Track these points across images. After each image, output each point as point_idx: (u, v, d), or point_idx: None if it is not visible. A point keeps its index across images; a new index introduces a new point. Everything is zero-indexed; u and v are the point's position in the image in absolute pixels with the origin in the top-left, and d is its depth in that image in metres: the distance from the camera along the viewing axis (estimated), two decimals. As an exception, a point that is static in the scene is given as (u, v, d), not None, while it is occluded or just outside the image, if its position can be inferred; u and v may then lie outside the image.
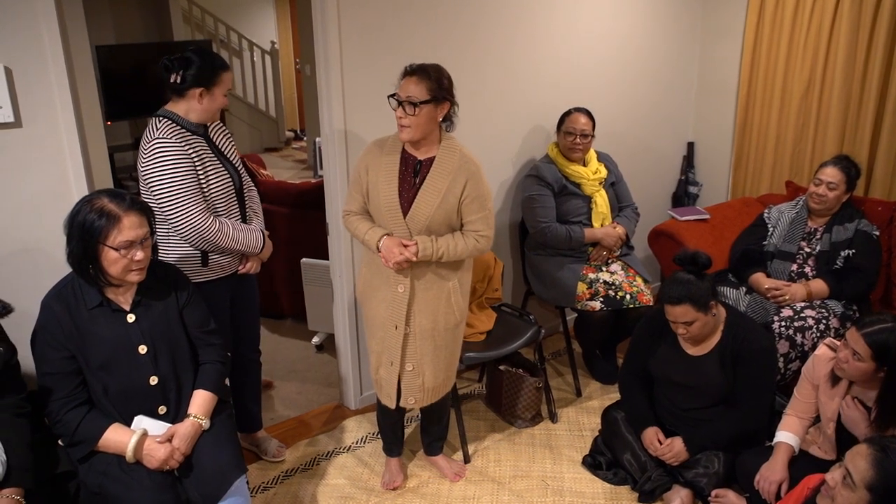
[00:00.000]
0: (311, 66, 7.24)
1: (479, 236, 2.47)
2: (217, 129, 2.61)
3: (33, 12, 2.26)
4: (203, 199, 2.40)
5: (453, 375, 2.73)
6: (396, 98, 2.35)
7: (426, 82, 2.33)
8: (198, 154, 2.41)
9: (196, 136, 2.46)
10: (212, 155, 2.48)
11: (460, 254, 2.45)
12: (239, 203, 2.58)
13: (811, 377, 2.43)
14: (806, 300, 3.10)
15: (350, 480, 2.88)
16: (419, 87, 2.32)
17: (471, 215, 2.45)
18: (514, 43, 3.45)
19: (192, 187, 2.36)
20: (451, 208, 2.42)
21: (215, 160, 2.49)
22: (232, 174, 2.55)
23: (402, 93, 2.34)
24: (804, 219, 3.26)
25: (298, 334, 4.21)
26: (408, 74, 2.36)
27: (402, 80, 2.37)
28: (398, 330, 2.51)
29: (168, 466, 2.06)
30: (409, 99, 2.32)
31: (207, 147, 2.48)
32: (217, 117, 2.56)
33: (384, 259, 2.42)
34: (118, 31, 7.57)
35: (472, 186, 2.42)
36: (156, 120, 2.39)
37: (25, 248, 2.40)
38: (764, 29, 4.05)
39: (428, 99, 2.32)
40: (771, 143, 4.13)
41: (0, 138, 2.29)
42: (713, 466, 2.59)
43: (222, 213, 2.50)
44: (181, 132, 2.41)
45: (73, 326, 2.03)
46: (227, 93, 2.49)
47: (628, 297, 3.26)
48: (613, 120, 4.04)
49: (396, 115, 2.36)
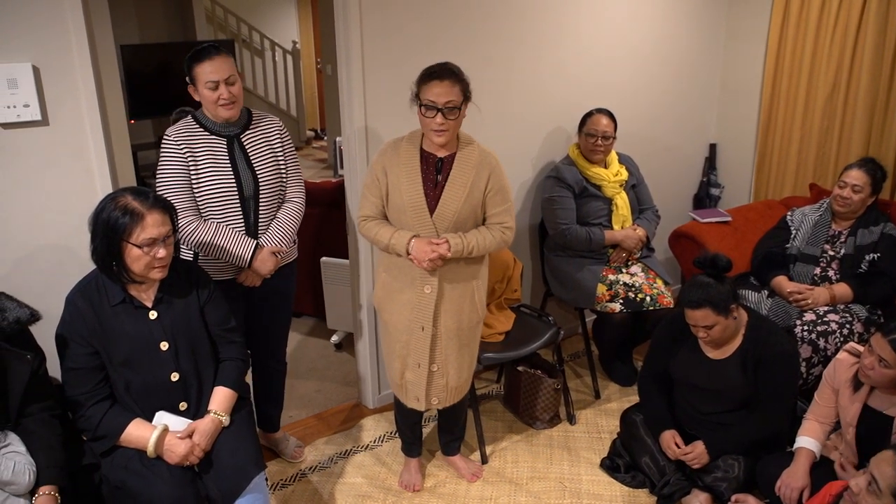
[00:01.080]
0: (332, 66, 7.27)
1: (504, 228, 2.48)
2: (257, 130, 2.53)
3: (61, 12, 2.29)
4: (190, 198, 2.41)
5: (472, 374, 2.73)
6: (430, 104, 2.30)
7: (459, 84, 2.31)
8: (195, 155, 2.41)
9: (214, 137, 2.45)
10: (221, 158, 2.44)
11: (489, 246, 2.45)
12: (244, 211, 2.51)
13: (832, 382, 2.40)
14: (829, 304, 3.06)
15: (368, 479, 2.89)
16: (454, 90, 2.29)
17: (495, 207, 2.46)
18: (536, 43, 3.44)
19: (178, 184, 2.39)
20: (476, 203, 2.42)
21: (221, 164, 2.44)
22: (243, 181, 2.47)
23: (438, 99, 2.28)
24: (828, 222, 3.22)
25: (317, 333, 4.23)
26: (436, 78, 2.29)
27: (428, 84, 2.31)
28: (425, 331, 2.50)
29: (188, 462, 2.08)
30: (451, 104, 2.28)
31: (222, 149, 2.45)
32: (230, 115, 2.42)
33: (416, 260, 2.38)
34: (142, 31, 7.66)
35: (494, 179, 2.44)
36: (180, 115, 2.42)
37: (51, 244, 2.44)
38: (789, 29, 4.00)
39: (464, 99, 2.33)
40: (795, 144, 4.08)
41: (27, 136, 2.32)
42: (733, 471, 2.56)
43: (218, 218, 2.47)
44: (192, 130, 2.43)
45: (96, 322, 2.05)
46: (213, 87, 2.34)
47: (648, 299, 3.24)
48: (635, 121, 4.02)
49: (434, 122, 2.30)
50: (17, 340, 1.92)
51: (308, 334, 4.23)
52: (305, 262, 4.04)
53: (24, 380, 1.90)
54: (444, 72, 2.31)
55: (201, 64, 2.35)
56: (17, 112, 2.26)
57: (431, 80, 2.30)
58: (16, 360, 1.90)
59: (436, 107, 2.29)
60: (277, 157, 2.57)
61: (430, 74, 2.32)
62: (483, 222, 2.50)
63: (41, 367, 1.98)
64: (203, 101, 2.41)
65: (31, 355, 1.94)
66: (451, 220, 2.40)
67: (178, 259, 2.22)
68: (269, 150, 2.55)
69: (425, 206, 2.39)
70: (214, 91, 2.37)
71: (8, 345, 1.89)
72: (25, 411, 1.92)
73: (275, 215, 2.60)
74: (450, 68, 2.33)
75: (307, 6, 10.35)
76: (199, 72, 2.36)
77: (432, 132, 2.34)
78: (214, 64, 2.34)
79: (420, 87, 2.34)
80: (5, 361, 1.88)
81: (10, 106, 2.25)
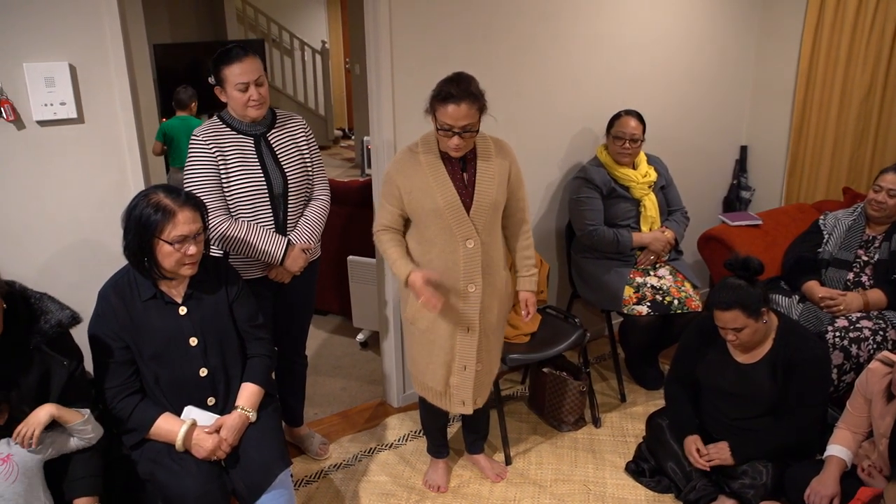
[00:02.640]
0: (360, 66, 7.31)
1: (524, 214, 2.60)
2: (283, 129, 2.56)
3: (97, 12, 2.33)
4: (220, 197, 2.44)
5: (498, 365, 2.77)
6: (447, 128, 2.28)
7: (476, 104, 2.28)
8: (224, 155, 2.43)
9: (242, 136, 2.47)
10: (250, 157, 2.46)
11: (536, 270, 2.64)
12: (274, 210, 2.53)
13: (864, 391, 2.35)
14: (862, 310, 3.00)
15: (392, 478, 2.90)
16: (471, 111, 2.27)
17: (519, 191, 2.55)
18: (565, 44, 3.42)
19: (208, 183, 2.41)
20: (504, 190, 2.48)
21: (250, 164, 2.46)
22: (272, 179, 2.49)
23: (456, 123, 2.26)
24: (862, 226, 3.16)
25: (343, 331, 4.25)
26: (453, 100, 2.24)
27: (444, 106, 2.25)
28: (471, 332, 2.50)
29: (215, 457, 2.10)
30: (469, 128, 2.29)
31: (250, 148, 2.47)
32: (259, 115, 2.44)
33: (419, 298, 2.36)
34: (174, 30, 7.78)
35: (514, 165, 2.52)
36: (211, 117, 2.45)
37: (85, 239, 2.48)
38: (824, 29, 3.93)
39: (479, 115, 2.33)
40: (828, 147, 4.01)
41: (64, 133, 2.37)
42: (761, 478, 2.52)
43: (248, 216, 2.49)
44: (220, 131, 2.45)
45: (127, 317, 2.09)
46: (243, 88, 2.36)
47: (676, 302, 3.20)
48: (665, 122, 3.98)
49: (451, 143, 2.30)
50: (57, 342, 1.95)
51: (333, 332, 4.26)
52: (331, 260, 4.07)
53: (61, 384, 1.93)
54: (461, 94, 2.24)
55: (230, 66, 2.35)
56: (53, 110, 2.31)
57: (448, 104, 2.25)
58: (54, 364, 1.93)
59: (453, 130, 2.28)
60: (303, 155, 2.60)
61: (446, 97, 2.25)
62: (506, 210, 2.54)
63: (78, 368, 2.00)
64: (231, 102, 2.43)
65: (68, 361, 1.96)
66: (488, 214, 2.42)
67: (207, 256, 2.24)
68: (295, 149, 2.58)
69: (461, 205, 2.39)
70: (245, 92, 2.38)
71: (48, 348, 1.91)
72: None
73: (302, 213, 2.63)
74: (466, 89, 2.26)
75: (336, 6, 10.42)
76: (228, 73, 2.36)
77: (449, 149, 2.35)
78: (244, 66, 2.36)
79: (436, 106, 2.29)
80: (47, 363, 1.91)
81: (48, 104, 2.29)
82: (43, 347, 1.90)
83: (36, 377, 1.88)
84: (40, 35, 2.26)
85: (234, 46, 2.39)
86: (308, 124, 2.69)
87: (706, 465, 2.58)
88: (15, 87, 2.25)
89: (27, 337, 1.88)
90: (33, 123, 2.30)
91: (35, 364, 1.88)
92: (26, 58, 2.25)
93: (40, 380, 1.89)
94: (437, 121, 2.31)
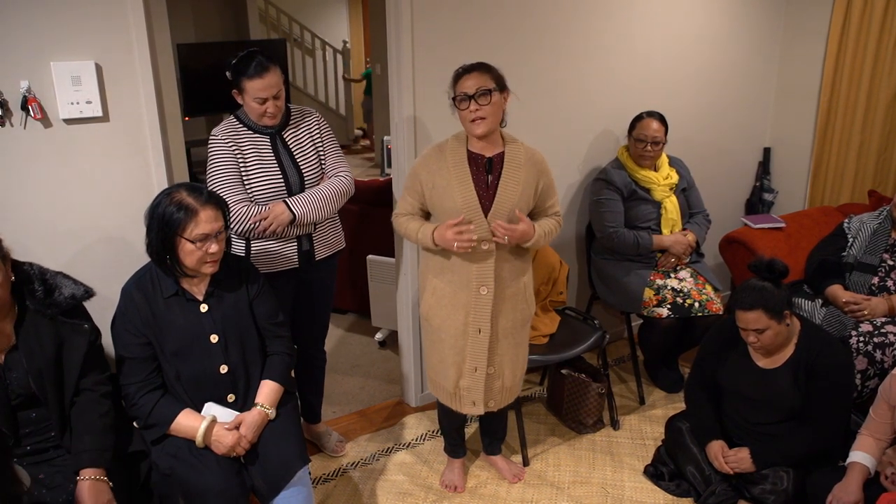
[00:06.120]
0: (381, 66, 7.33)
1: (558, 217, 2.57)
2: (299, 127, 2.60)
3: (123, 12, 2.36)
4: (242, 190, 2.47)
5: (524, 372, 2.73)
6: (464, 95, 2.32)
7: (488, 73, 2.35)
8: (242, 153, 2.47)
9: (258, 135, 2.52)
10: (266, 155, 2.51)
11: (552, 232, 2.53)
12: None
13: (888, 398, 2.32)
14: (887, 315, 2.96)
15: (409, 477, 2.90)
16: (483, 77, 2.33)
17: (549, 200, 2.54)
18: (587, 45, 3.41)
19: (230, 177, 2.45)
20: (528, 200, 2.45)
21: (268, 162, 2.50)
22: (289, 176, 2.53)
23: (469, 89, 2.32)
24: (888, 230, 3.12)
25: (362, 330, 4.27)
26: (466, 72, 2.36)
27: (461, 80, 2.35)
28: (482, 333, 2.50)
29: (235, 453, 2.12)
30: (482, 89, 2.30)
31: (266, 146, 2.52)
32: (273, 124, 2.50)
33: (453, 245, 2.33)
34: (198, 30, 7.85)
35: (545, 175, 2.50)
36: (227, 116, 2.48)
37: (108, 236, 2.51)
38: (850, 30, 3.87)
39: (496, 86, 2.34)
40: (854, 150, 3.96)
41: (89, 131, 2.40)
42: (782, 483, 2.49)
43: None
44: (237, 129, 2.50)
45: (149, 314, 2.11)
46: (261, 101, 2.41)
47: (697, 305, 3.18)
48: (687, 123, 3.95)
49: (469, 111, 2.32)
50: (73, 315, 2.02)
51: (352, 331, 4.28)
52: (351, 259, 4.08)
53: (82, 350, 2.00)
54: (472, 66, 2.36)
55: (252, 80, 2.39)
56: (79, 108, 2.34)
57: (461, 77, 2.36)
58: (73, 331, 1.99)
59: (467, 95, 2.32)
60: (319, 150, 2.64)
61: (459, 72, 2.38)
62: (532, 217, 2.52)
63: (98, 339, 2.07)
64: (248, 110, 2.50)
65: (88, 325, 2.03)
66: (506, 218, 2.41)
67: (229, 254, 2.26)
68: (311, 145, 2.62)
69: (479, 207, 2.39)
70: (262, 105, 2.44)
71: (64, 317, 1.98)
72: (81, 384, 2.01)
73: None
74: (478, 62, 2.38)
75: (358, 6, 10.47)
76: (248, 86, 2.41)
77: (471, 124, 2.35)
78: (265, 81, 2.40)
79: (454, 88, 2.38)
80: (62, 336, 1.97)
81: (74, 102, 2.32)
82: (59, 318, 1.97)
83: (54, 346, 1.96)
84: (67, 34, 2.29)
85: (257, 55, 2.42)
86: (322, 117, 2.73)
87: (731, 469, 2.56)
88: (42, 86, 2.28)
89: (44, 309, 1.95)
90: (60, 122, 2.33)
91: (53, 334, 1.96)
92: (53, 56, 2.28)
93: (58, 349, 1.97)
94: (455, 101, 2.36)
